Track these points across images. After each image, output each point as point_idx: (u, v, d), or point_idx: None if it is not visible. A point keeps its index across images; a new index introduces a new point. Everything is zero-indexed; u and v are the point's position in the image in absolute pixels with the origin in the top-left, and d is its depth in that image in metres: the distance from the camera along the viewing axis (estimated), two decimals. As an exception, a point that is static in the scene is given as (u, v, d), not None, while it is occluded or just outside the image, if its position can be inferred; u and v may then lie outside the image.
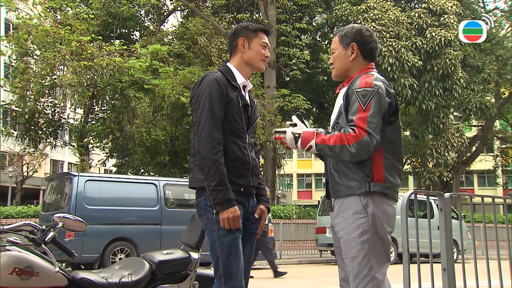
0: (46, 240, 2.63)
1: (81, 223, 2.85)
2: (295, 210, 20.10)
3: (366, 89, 2.47)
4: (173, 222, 10.21)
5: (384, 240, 2.49)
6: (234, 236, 2.55)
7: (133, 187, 10.67)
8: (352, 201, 2.48)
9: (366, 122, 2.39)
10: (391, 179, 2.50)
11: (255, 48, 2.78)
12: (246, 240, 2.72)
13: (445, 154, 20.29)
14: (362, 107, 2.42)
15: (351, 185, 2.49)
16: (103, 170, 30.26)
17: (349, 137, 2.39)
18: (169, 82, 15.28)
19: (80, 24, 15.24)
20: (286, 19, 19.38)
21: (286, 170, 24.91)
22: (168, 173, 18.19)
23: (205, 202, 2.60)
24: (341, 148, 2.40)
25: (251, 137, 2.79)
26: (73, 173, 10.47)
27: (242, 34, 2.78)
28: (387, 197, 2.50)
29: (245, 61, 2.79)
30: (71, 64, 13.95)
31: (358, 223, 2.45)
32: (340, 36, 2.72)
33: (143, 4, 20.50)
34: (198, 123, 2.59)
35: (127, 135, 16.41)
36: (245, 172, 2.68)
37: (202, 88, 2.64)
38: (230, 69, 2.78)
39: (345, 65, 2.70)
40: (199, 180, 2.61)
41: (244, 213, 2.68)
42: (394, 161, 2.54)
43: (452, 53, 19.09)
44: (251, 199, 2.76)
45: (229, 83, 2.68)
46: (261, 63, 2.82)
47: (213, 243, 2.57)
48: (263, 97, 17.51)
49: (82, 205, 9.54)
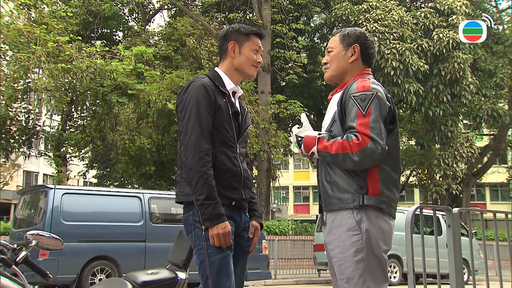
0: (17, 260, 2.60)
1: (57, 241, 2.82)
2: (291, 226, 20.07)
3: (364, 93, 2.47)
4: (159, 238, 10.15)
5: (381, 259, 2.48)
6: (224, 254, 2.54)
7: (115, 201, 10.61)
8: (344, 217, 2.47)
9: (368, 128, 2.39)
10: (387, 193, 2.50)
11: (246, 53, 2.78)
12: (238, 258, 2.71)
13: (453, 165, 20.37)
14: (362, 112, 2.42)
15: (344, 197, 2.48)
16: (82, 182, 30.12)
17: (352, 144, 2.39)
18: (155, 87, 15.27)
19: (57, 23, 15.20)
20: (282, 19, 19.48)
21: (282, 182, 24.93)
22: (153, 185, 18.12)
23: (193, 217, 2.59)
24: (344, 156, 2.41)
25: (242, 146, 2.78)
26: (49, 185, 10.40)
27: (233, 37, 2.78)
28: (382, 212, 2.49)
29: (234, 67, 2.79)
30: (47, 67, 13.90)
31: (352, 241, 2.44)
32: (342, 36, 2.73)
33: (127, 2, 20.56)
34: (185, 132, 2.59)
35: (109, 144, 16.36)
36: (236, 185, 2.67)
37: (188, 95, 2.64)
38: (218, 74, 2.78)
39: (343, 66, 2.70)
40: (186, 194, 2.60)
41: (236, 229, 2.67)
42: (391, 173, 2.54)
43: (461, 56, 19.21)
44: (243, 213, 2.75)
45: (218, 89, 2.68)
46: (252, 69, 2.82)
47: (201, 262, 2.56)
48: (257, 103, 17.53)
49: (58, 220, 9.46)
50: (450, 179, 20.59)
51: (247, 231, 2.78)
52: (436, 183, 21.00)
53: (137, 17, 23.84)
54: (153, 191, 11.91)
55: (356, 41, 2.70)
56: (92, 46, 16.48)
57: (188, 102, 2.62)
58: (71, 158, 19.45)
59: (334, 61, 2.72)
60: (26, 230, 5.69)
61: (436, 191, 20.64)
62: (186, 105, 2.63)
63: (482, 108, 21.15)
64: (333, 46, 2.75)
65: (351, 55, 2.69)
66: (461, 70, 19.22)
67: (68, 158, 18.59)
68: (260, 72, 19.52)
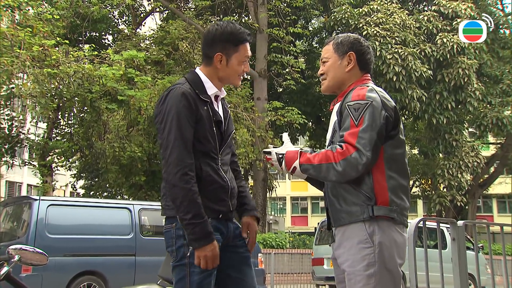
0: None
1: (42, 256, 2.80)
2: (289, 239, 20.03)
3: (358, 102, 2.49)
4: (150, 252, 10.09)
5: (394, 274, 2.47)
6: (207, 274, 2.50)
7: (103, 213, 10.57)
8: (355, 229, 2.47)
9: (356, 138, 2.41)
10: (397, 201, 2.50)
11: (234, 66, 2.70)
12: (242, 267, 2.70)
13: (458, 175, 20.41)
14: (355, 122, 2.44)
15: (352, 210, 2.48)
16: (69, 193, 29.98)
17: (336, 154, 2.41)
18: (146, 93, 15.27)
19: (43, 26, 15.19)
20: (279, 22, 19.54)
21: (279, 193, 24.89)
22: (144, 196, 18.07)
23: (176, 230, 2.56)
24: (327, 167, 2.42)
25: (226, 153, 2.74)
26: (33, 196, 10.37)
27: (220, 48, 2.68)
28: (395, 223, 2.49)
29: (218, 77, 2.73)
30: (32, 72, 13.88)
31: (363, 254, 2.44)
32: (335, 44, 2.73)
33: (117, 4, 20.59)
34: (166, 146, 2.54)
35: (98, 153, 16.31)
36: (223, 196, 2.65)
37: (167, 105, 2.57)
38: (199, 78, 2.70)
39: (340, 76, 2.71)
40: (171, 208, 2.57)
41: (225, 240, 2.65)
42: (400, 180, 2.54)
43: (466, 61, 19.31)
44: (230, 223, 2.72)
45: (199, 98, 2.61)
46: (237, 79, 2.77)
47: (181, 278, 2.52)
48: (253, 110, 17.56)
49: (43, 234, 9.40)
50: (455, 190, 20.62)
51: (238, 237, 2.73)
52: (440, 194, 21.02)
53: (127, 20, 23.89)
54: (143, 202, 11.86)
55: (351, 48, 2.70)
56: (80, 50, 16.49)
57: (168, 113, 2.55)
58: (57, 168, 19.36)
59: (330, 72, 2.72)
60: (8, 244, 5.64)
61: (440, 203, 20.67)
62: (165, 116, 2.55)
63: (487, 116, 21.21)
64: (327, 56, 2.74)
65: (347, 63, 2.69)
66: (466, 76, 19.31)
67: (54, 168, 18.52)
68: (256, 78, 19.58)
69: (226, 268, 2.64)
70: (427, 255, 3.61)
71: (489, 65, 22.30)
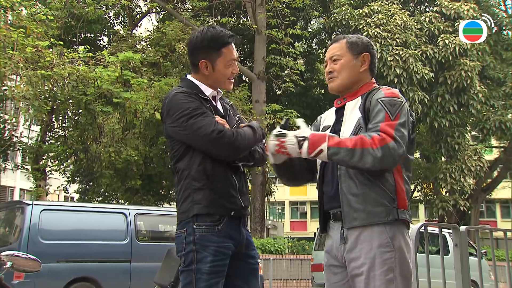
0: (-10, 283, 2.58)
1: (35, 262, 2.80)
2: (288, 244, 20.02)
3: (394, 99, 2.51)
4: (146, 258, 10.09)
5: (409, 280, 2.47)
6: (215, 280, 2.53)
7: (98, 217, 10.56)
8: (375, 231, 2.45)
9: (394, 129, 2.41)
10: (408, 206, 2.54)
11: (221, 70, 2.76)
12: (249, 278, 2.74)
13: (461, 179, 20.41)
14: (390, 116, 2.45)
15: (376, 211, 2.44)
16: (63, 197, 29.95)
17: (373, 140, 2.38)
18: (142, 95, 15.26)
19: (37, 27, 15.18)
20: (278, 24, 19.56)
21: (278, 197, 24.89)
22: (140, 200, 18.07)
23: (186, 236, 2.59)
24: (363, 151, 2.37)
25: None
26: (26, 201, 10.32)
27: (203, 55, 2.74)
28: (407, 228, 2.52)
29: (208, 84, 2.79)
30: (26, 73, 13.86)
31: (384, 258, 2.41)
32: (349, 43, 2.72)
33: (112, 5, 20.59)
34: (193, 131, 2.61)
35: (93, 156, 16.32)
36: (233, 193, 2.69)
37: (172, 103, 2.67)
38: (194, 83, 2.78)
39: (355, 76, 2.70)
40: (183, 211, 2.63)
41: (237, 248, 2.67)
42: (409, 186, 2.59)
43: (468, 63, 19.33)
44: (242, 227, 2.75)
45: (199, 96, 2.70)
46: (228, 83, 2.82)
47: (188, 283, 2.55)
48: (251, 113, 17.56)
49: (36, 239, 9.38)
50: (458, 194, 20.61)
51: (250, 247, 2.77)
52: (442, 198, 21.01)
53: (123, 21, 23.88)
54: (139, 207, 11.87)
55: (366, 49, 2.72)
56: (74, 51, 16.49)
57: (182, 109, 2.63)
58: (51, 172, 19.35)
59: (345, 70, 2.70)
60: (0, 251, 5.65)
61: (442, 207, 20.66)
62: (180, 112, 2.63)
63: (490, 119, 21.24)
64: (340, 53, 2.72)
65: (361, 64, 2.70)
66: (469, 78, 19.31)
67: (48, 172, 18.49)
68: (254, 80, 19.58)
69: (234, 277, 2.67)
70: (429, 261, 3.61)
71: (492, 67, 22.33)
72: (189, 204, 2.62)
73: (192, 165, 2.65)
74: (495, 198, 37.42)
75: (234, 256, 2.64)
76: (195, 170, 2.64)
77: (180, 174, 2.69)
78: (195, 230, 2.58)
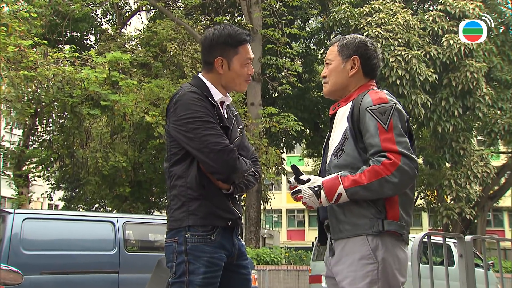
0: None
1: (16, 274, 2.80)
2: (284, 254, 19.99)
3: (383, 105, 2.50)
4: (134, 269, 10.03)
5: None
6: None
7: (84, 226, 10.50)
8: (357, 243, 2.48)
9: (395, 143, 2.42)
10: (406, 217, 2.53)
11: (237, 69, 2.77)
12: None
13: (466, 186, 20.43)
14: (383, 126, 2.45)
15: (360, 223, 2.48)
16: (46, 205, 29.88)
17: (385, 166, 2.39)
18: (132, 98, 15.25)
19: (19, 25, 15.17)
20: (274, 23, 19.59)
21: (274, 205, 24.87)
22: (129, 208, 18.03)
23: (177, 245, 2.59)
24: (380, 182, 2.39)
25: None
26: (8, 209, 10.29)
27: (219, 52, 2.75)
28: (398, 240, 2.51)
29: (223, 84, 2.80)
30: (7, 74, 13.85)
31: (366, 271, 2.44)
32: (340, 46, 2.75)
33: (100, 2, 20.61)
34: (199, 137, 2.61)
35: (79, 162, 16.28)
36: (229, 203, 2.72)
37: (181, 102, 2.66)
38: (205, 83, 2.77)
39: (342, 81, 2.72)
40: (177, 219, 2.62)
41: (229, 258, 2.69)
42: (410, 195, 2.58)
43: (474, 64, 19.36)
44: (235, 237, 2.76)
45: (208, 99, 2.69)
46: (243, 84, 2.84)
47: None
48: (246, 116, 17.57)
49: (17, 250, 9.30)
50: (463, 202, 20.63)
51: (242, 257, 2.79)
52: (447, 206, 21.03)
53: (111, 19, 23.88)
54: (128, 215, 11.86)
55: (356, 52, 2.71)
56: (59, 51, 16.45)
57: (192, 112, 2.62)
58: (34, 178, 19.29)
59: (332, 75, 2.75)
60: (-19, 261, 5.62)
61: (447, 216, 20.66)
62: (189, 114, 2.62)
63: (497, 122, 21.25)
64: (331, 58, 2.76)
65: (351, 68, 2.71)
66: (474, 80, 19.31)
67: (31, 178, 18.46)
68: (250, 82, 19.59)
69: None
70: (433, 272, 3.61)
71: (499, 68, 22.36)
72: (183, 213, 2.62)
73: (189, 172, 2.64)
74: (502, 206, 37.42)
75: (225, 267, 2.65)
76: (192, 178, 2.63)
77: (174, 179, 2.68)
78: (187, 240, 2.58)
